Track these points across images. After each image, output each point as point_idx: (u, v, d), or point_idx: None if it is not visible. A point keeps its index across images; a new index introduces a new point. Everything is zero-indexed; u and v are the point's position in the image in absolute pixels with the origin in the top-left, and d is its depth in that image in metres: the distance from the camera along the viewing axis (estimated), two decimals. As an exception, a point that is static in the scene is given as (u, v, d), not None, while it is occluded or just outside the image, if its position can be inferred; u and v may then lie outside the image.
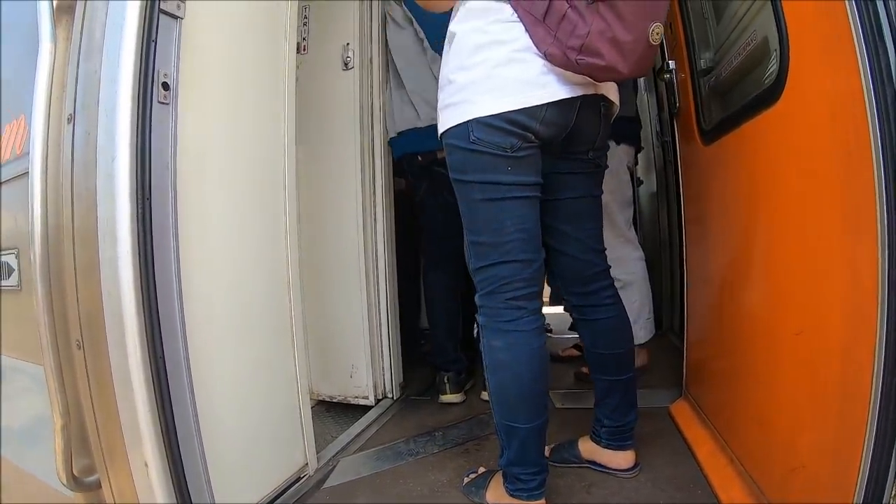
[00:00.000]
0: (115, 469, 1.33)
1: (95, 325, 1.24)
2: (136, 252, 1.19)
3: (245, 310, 1.71)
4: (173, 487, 1.27)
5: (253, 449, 1.72)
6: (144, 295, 1.20)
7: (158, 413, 1.23)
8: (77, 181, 1.28)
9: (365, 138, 2.68)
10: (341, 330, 2.73)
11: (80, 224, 1.26)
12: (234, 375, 1.64)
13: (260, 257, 1.80)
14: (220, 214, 1.61)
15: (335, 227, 2.70)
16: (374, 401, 2.71)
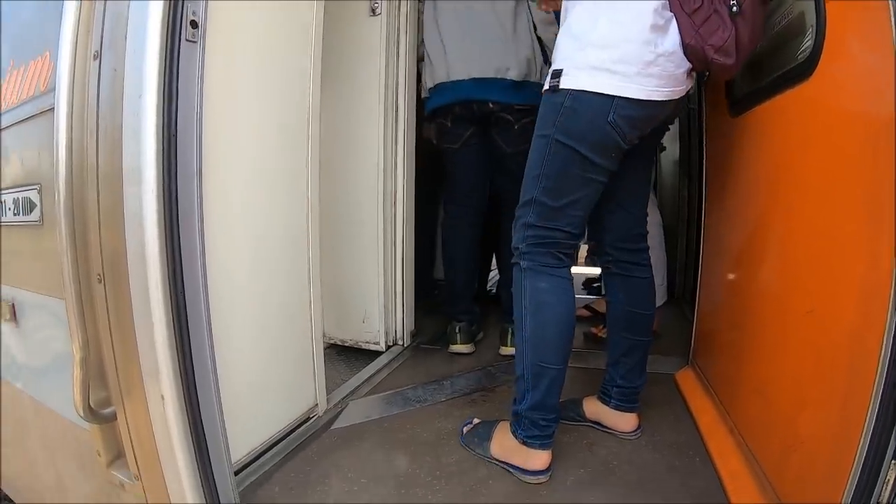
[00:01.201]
0: (131, 401, 1.37)
1: (117, 261, 1.26)
2: (161, 189, 1.20)
3: (264, 252, 1.75)
4: (188, 420, 1.31)
5: (265, 387, 1.78)
6: (167, 232, 1.21)
7: (176, 347, 1.25)
8: (103, 117, 1.29)
9: (389, 85, 2.69)
10: (356, 275, 2.77)
11: (105, 160, 1.28)
12: (250, 314, 1.69)
13: (281, 201, 1.83)
14: (244, 156, 1.63)
15: (355, 172, 2.72)
16: (384, 347, 2.77)
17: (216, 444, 1.40)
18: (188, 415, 1.31)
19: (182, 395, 1.28)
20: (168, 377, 1.25)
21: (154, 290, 1.20)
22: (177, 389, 1.27)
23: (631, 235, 1.85)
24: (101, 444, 1.53)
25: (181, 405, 1.29)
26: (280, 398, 1.88)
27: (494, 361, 2.68)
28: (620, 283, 1.86)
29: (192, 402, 1.31)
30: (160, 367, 1.24)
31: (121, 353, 1.34)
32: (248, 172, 1.65)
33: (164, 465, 1.35)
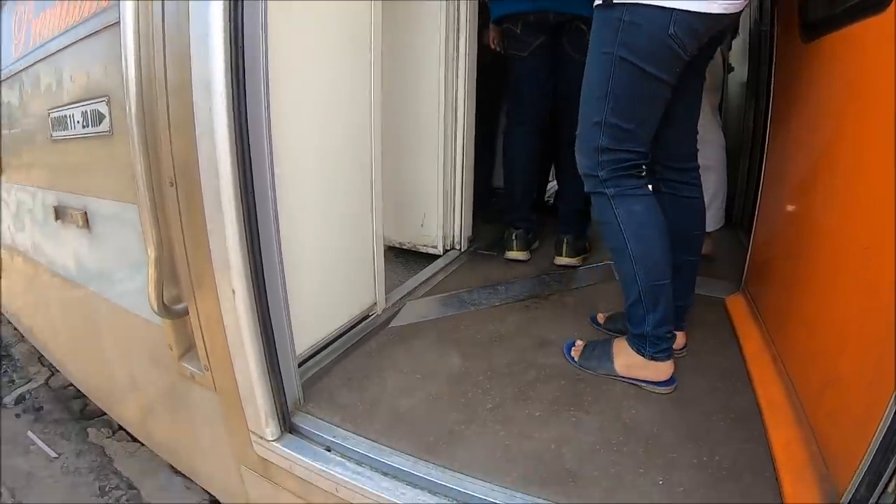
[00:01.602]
0: (202, 297, 1.50)
1: (188, 164, 1.35)
2: (230, 93, 1.27)
3: (329, 153, 1.83)
4: (256, 312, 1.42)
5: (328, 285, 1.89)
6: (237, 134, 1.29)
7: (246, 244, 1.35)
8: (168, 28, 1.35)
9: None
10: (415, 179, 2.85)
11: (173, 69, 1.35)
12: (315, 214, 1.79)
13: (344, 104, 1.89)
14: (307, 62, 1.68)
15: (416, 77, 2.75)
16: (441, 251, 2.87)
17: (282, 336, 1.53)
18: (257, 308, 1.42)
19: (251, 289, 1.39)
20: (238, 272, 1.36)
21: (225, 190, 1.29)
22: (246, 283, 1.38)
23: (680, 154, 1.83)
24: (172, 338, 1.69)
25: (250, 298, 1.40)
26: (341, 296, 1.99)
27: (549, 270, 2.74)
28: (671, 202, 1.83)
29: (261, 296, 1.42)
30: (231, 263, 1.35)
31: (192, 251, 1.45)
32: (311, 76, 1.70)
33: (233, 356, 1.48)
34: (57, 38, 1.93)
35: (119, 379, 2.23)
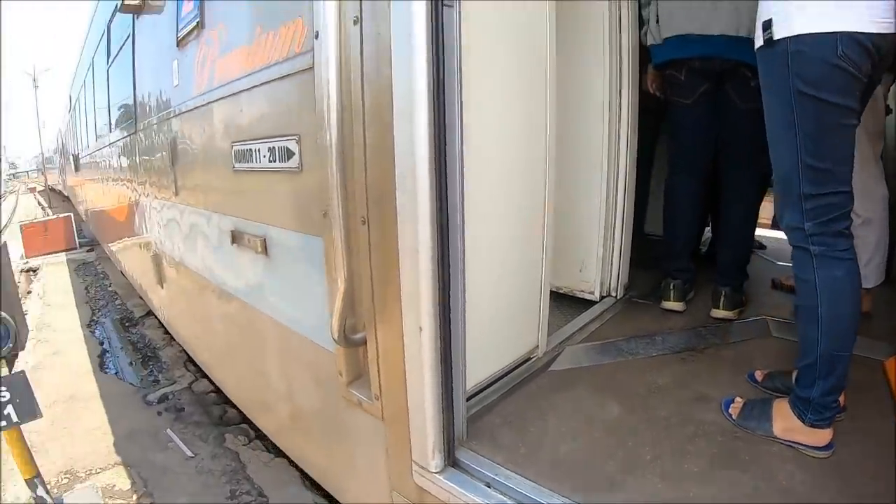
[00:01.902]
0: (384, 330, 1.56)
1: (383, 206, 1.43)
2: (431, 133, 1.33)
3: (507, 199, 1.89)
4: (439, 349, 1.47)
5: (496, 326, 1.94)
6: (436, 177, 1.35)
7: (438, 283, 1.41)
8: (367, 73, 1.44)
9: (613, 37, 2.68)
10: (577, 225, 2.85)
11: (371, 111, 1.44)
12: (492, 256, 1.84)
13: (522, 152, 1.94)
14: (492, 106, 1.75)
15: (580, 124, 2.77)
16: (598, 297, 2.87)
17: (457, 374, 1.57)
18: (440, 345, 1.47)
19: (437, 327, 1.44)
20: (428, 311, 1.41)
21: (423, 232, 1.35)
22: (433, 321, 1.43)
23: None
24: (343, 365, 1.77)
25: (435, 336, 1.45)
26: (507, 338, 2.04)
27: (705, 323, 2.66)
28: None
29: (445, 334, 1.47)
30: (422, 301, 1.40)
31: (379, 286, 1.52)
32: (495, 120, 1.76)
33: (409, 389, 1.54)
34: (243, 79, 2.08)
35: (275, 393, 2.35)
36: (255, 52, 1.99)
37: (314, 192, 1.70)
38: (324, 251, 1.70)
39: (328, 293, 1.73)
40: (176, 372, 5.58)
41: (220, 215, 2.49)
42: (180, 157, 3.00)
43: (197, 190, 2.85)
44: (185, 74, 2.76)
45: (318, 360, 1.93)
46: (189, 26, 2.62)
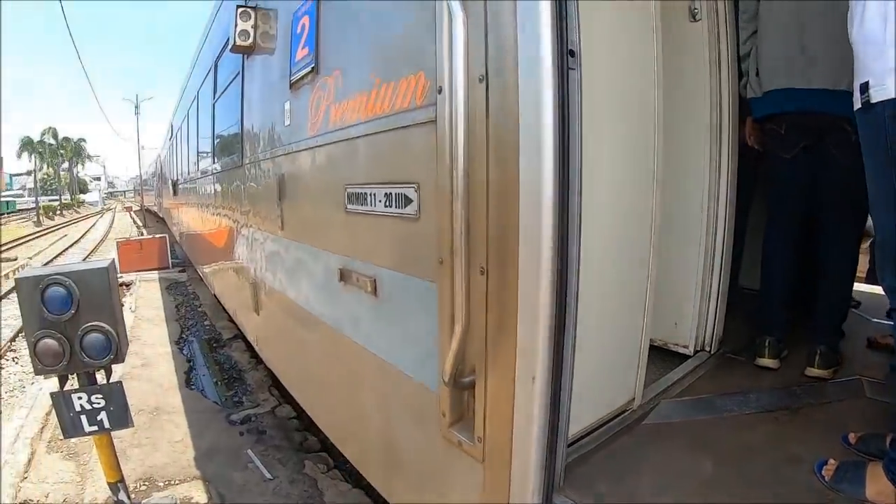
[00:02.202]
0: (495, 375, 1.61)
1: (504, 254, 1.49)
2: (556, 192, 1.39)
3: (613, 248, 1.93)
4: (549, 398, 1.51)
5: (598, 377, 1.96)
6: (558, 232, 1.40)
7: (554, 333, 1.45)
8: (493, 130, 1.52)
9: (713, 91, 2.70)
10: (674, 277, 2.84)
11: (497, 164, 1.51)
12: (597, 306, 1.86)
13: (632, 205, 2.00)
14: (606, 162, 1.80)
15: (681, 173, 2.77)
16: (692, 351, 2.85)
17: (562, 422, 1.60)
18: (550, 394, 1.50)
19: (549, 376, 1.48)
20: (543, 362, 1.46)
21: (544, 284, 1.40)
22: (547, 370, 1.47)
23: None
24: (447, 406, 1.81)
25: (548, 384, 1.49)
26: (605, 388, 2.05)
27: (799, 381, 2.61)
28: None
29: (557, 385, 1.51)
30: (538, 353, 1.45)
31: (493, 334, 1.57)
32: (609, 177, 1.82)
33: (515, 434, 1.57)
34: (360, 125, 2.20)
35: (369, 425, 2.41)
36: (373, 101, 2.10)
37: (430, 238, 1.78)
38: (437, 296, 1.76)
39: (439, 337, 1.79)
40: (260, 395, 5.78)
41: (329, 253, 2.60)
42: (288, 194, 3.15)
43: (304, 226, 2.99)
44: (298, 115, 2.93)
45: (419, 399, 1.99)
46: (303, 71, 2.78)
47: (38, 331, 2.76)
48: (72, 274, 2.78)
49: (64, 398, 2.92)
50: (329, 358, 2.84)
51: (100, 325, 2.84)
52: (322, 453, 4.53)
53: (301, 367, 3.40)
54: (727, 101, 2.73)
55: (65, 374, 2.92)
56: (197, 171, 8.14)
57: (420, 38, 1.83)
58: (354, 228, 2.33)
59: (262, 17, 3.69)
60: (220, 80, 5.63)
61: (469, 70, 1.54)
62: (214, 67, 5.90)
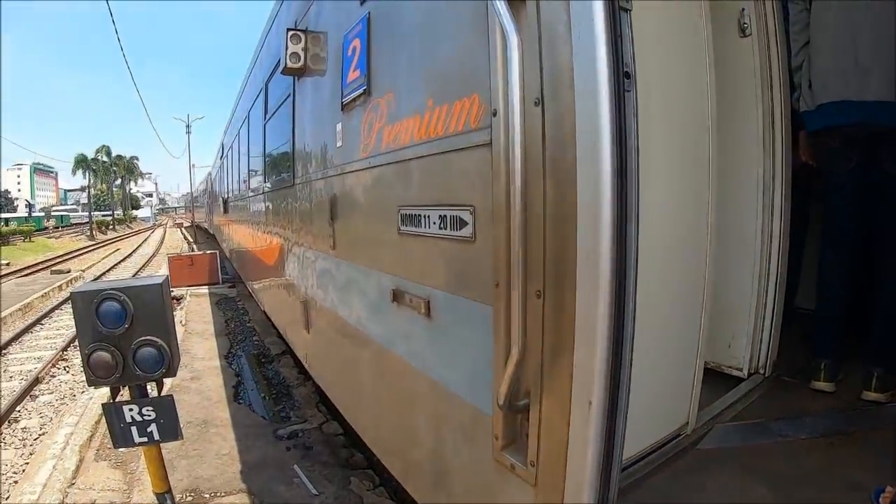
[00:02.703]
0: (550, 399, 1.60)
1: (562, 278, 1.49)
2: (614, 214, 1.39)
3: (671, 274, 1.92)
4: (604, 424, 1.49)
5: (653, 401, 1.94)
6: (616, 256, 1.40)
7: (611, 357, 1.43)
8: (550, 153, 1.53)
9: (765, 105, 2.67)
10: (728, 298, 2.80)
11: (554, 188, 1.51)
12: (653, 329, 1.84)
13: (687, 227, 1.99)
14: (662, 183, 1.80)
15: (734, 192, 2.74)
16: (746, 374, 2.80)
17: (617, 447, 1.56)
18: (605, 419, 1.49)
19: (606, 401, 1.47)
20: (600, 386, 1.44)
21: (602, 309, 1.40)
22: (603, 395, 1.46)
23: None
24: (500, 429, 1.80)
25: (604, 410, 1.47)
26: (658, 412, 2.02)
27: (855, 404, 2.55)
28: None
29: (613, 410, 1.49)
30: (595, 378, 1.44)
31: (550, 358, 1.56)
32: (665, 198, 1.81)
33: (569, 458, 1.55)
34: (413, 147, 2.22)
35: (418, 444, 2.41)
36: (427, 123, 2.12)
37: (486, 261, 1.78)
38: (492, 319, 1.76)
39: (493, 359, 1.78)
40: (308, 411, 5.84)
41: (382, 273, 2.62)
42: (340, 214, 3.20)
43: (356, 246, 3.02)
44: (350, 137, 2.98)
45: (470, 421, 1.99)
46: (355, 93, 2.83)
47: (91, 343, 2.84)
48: (127, 289, 2.86)
49: (115, 409, 2.99)
50: (379, 376, 2.86)
51: (153, 340, 2.91)
52: (368, 470, 4.55)
53: (350, 384, 3.42)
54: (780, 115, 2.69)
55: (117, 385, 3.00)
56: (247, 190, 8.33)
57: (474, 60, 1.85)
58: (408, 249, 2.34)
59: (312, 40, 3.78)
60: (271, 101, 5.77)
61: (525, 93, 1.54)
62: (265, 89, 6.05)
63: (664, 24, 1.86)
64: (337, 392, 3.84)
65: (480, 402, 1.91)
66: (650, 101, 1.68)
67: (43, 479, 4.73)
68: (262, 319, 9.57)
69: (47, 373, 8.32)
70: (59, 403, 7.17)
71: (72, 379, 8.15)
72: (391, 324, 2.60)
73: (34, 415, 6.87)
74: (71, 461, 5.06)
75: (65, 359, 9.12)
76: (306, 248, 4.19)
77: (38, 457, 5.29)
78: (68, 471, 4.89)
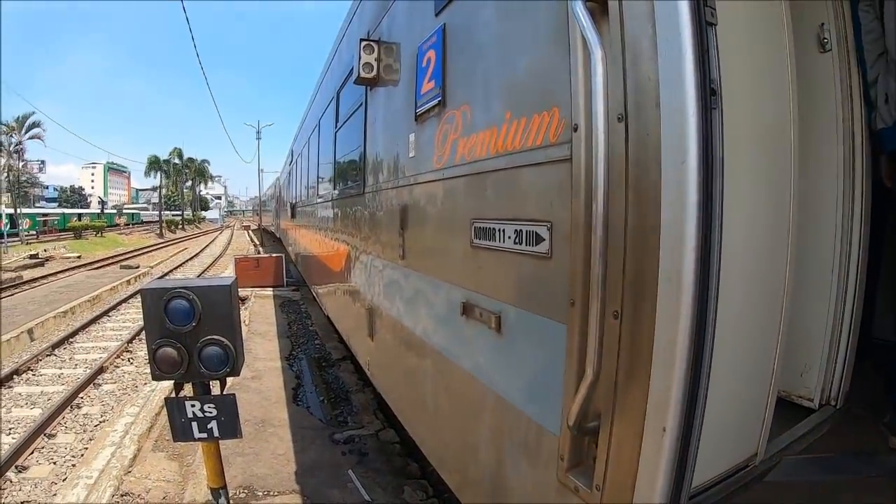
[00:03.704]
0: (622, 423, 1.55)
1: (641, 300, 1.45)
2: (699, 235, 1.35)
3: (749, 300, 1.84)
4: (677, 452, 1.44)
5: (724, 430, 1.87)
6: (698, 280, 1.35)
7: (688, 387, 1.39)
8: (633, 170, 1.49)
9: (846, 126, 2.56)
10: (803, 326, 2.68)
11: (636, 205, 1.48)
12: (727, 362, 1.77)
13: (767, 249, 1.91)
14: (745, 204, 1.73)
15: (810, 214, 2.62)
16: (817, 405, 2.67)
17: (687, 475, 1.51)
18: (678, 448, 1.44)
19: (681, 428, 1.42)
20: (675, 414, 1.40)
21: (683, 327, 1.35)
22: (678, 424, 1.41)
23: None
24: (567, 450, 1.77)
25: (678, 438, 1.42)
26: (729, 442, 1.95)
27: None
28: None
29: (687, 439, 1.44)
30: (670, 405, 1.39)
31: (624, 380, 1.52)
32: (744, 217, 1.74)
33: (638, 484, 1.51)
34: (489, 160, 2.22)
35: (478, 458, 2.39)
36: (504, 136, 2.11)
37: (561, 279, 1.76)
38: (566, 338, 1.73)
39: (564, 379, 1.75)
40: (365, 417, 5.89)
41: (452, 285, 2.62)
42: (411, 223, 3.23)
43: (426, 257, 3.04)
44: (423, 148, 3.00)
45: (536, 439, 1.96)
46: (429, 104, 2.85)
47: (158, 339, 2.93)
48: (196, 288, 2.94)
49: (177, 404, 3.08)
50: (442, 388, 2.86)
51: (219, 339, 2.99)
52: (422, 481, 4.56)
53: (412, 394, 3.43)
54: (860, 135, 2.56)
55: (181, 381, 3.09)
56: (316, 196, 8.49)
57: (553, 73, 1.84)
58: (480, 263, 2.33)
59: (385, 51, 3.84)
60: (343, 110, 5.86)
61: (609, 108, 1.52)
62: (336, 98, 6.15)
63: (746, 38, 1.79)
64: (397, 400, 3.86)
65: (547, 421, 1.88)
66: (734, 120, 1.62)
67: (100, 465, 4.95)
68: (325, 324, 9.73)
69: (112, 363, 8.68)
70: (121, 393, 7.46)
71: (135, 370, 8.47)
72: (459, 336, 2.59)
73: (96, 403, 7.17)
74: (129, 450, 5.27)
75: (129, 350, 9.49)
76: (374, 257, 4.24)
77: (98, 443, 5.53)
78: (126, 458, 5.08)
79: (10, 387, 7.65)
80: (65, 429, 6.35)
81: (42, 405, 6.95)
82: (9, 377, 7.86)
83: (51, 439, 6.04)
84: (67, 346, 9.89)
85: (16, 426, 6.34)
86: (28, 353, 9.19)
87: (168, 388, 6.01)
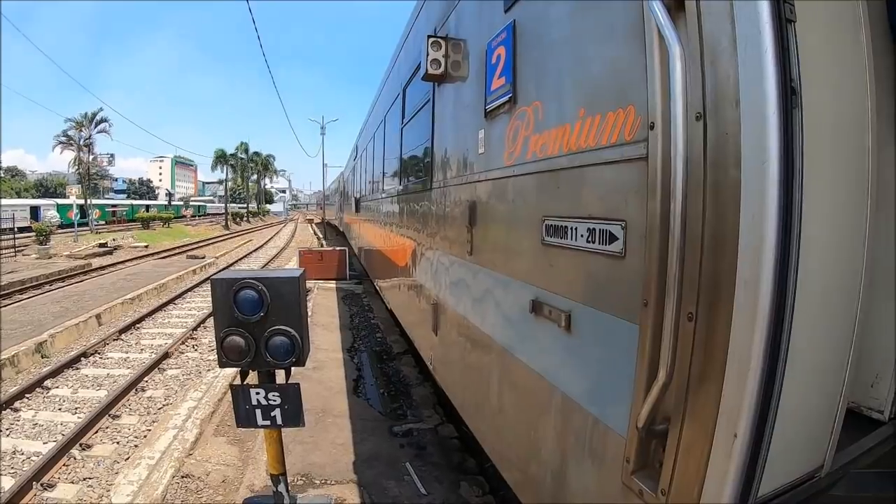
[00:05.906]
0: (692, 427, 1.53)
1: (715, 301, 1.43)
2: (777, 240, 1.32)
3: (823, 304, 1.76)
4: (747, 459, 1.41)
5: (790, 438, 1.80)
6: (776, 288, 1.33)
7: (761, 394, 1.36)
8: (711, 170, 1.46)
9: None
10: (874, 336, 2.56)
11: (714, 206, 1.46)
12: (799, 369, 1.72)
13: (845, 252, 1.83)
14: (824, 206, 1.66)
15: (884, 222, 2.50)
16: (887, 417, 2.56)
17: (756, 483, 1.49)
18: (748, 456, 1.41)
19: (752, 433, 1.39)
20: (746, 420, 1.37)
21: (759, 332, 1.33)
22: (750, 431, 1.39)
23: None
24: (633, 453, 1.75)
25: (748, 444, 1.40)
26: (796, 451, 1.88)
27: None
28: None
29: (757, 446, 1.41)
30: (742, 410, 1.37)
31: (696, 383, 1.50)
32: (822, 219, 1.68)
33: (705, 489, 1.48)
34: (561, 157, 2.21)
35: (546, 465, 2.37)
36: (577, 134, 2.10)
37: (635, 278, 1.74)
38: (639, 339, 1.71)
39: (635, 380, 1.74)
40: (424, 411, 5.95)
41: (521, 283, 2.61)
42: (479, 220, 3.24)
43: (495, 253, 3.04)
44: (493, 144, 3.00)
45: (601, 440, 1.95)
46: (500, 101, 2.85)
47: (227, 328, 3.04)
48: (265, 279, 3.04)
49: (242, 391, 3.19)
50: (507, 385, 2.87)
51: (286, 330, 3.08)
52: (479, 477, 4.58)
53: (475, 390, 3.45)
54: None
55: (247, 370, 3.19)
56: (381, 191, 8.59)
57: (628, 70, 1.82)
58: (551, 261, 2.32)
59: (452, 47, 3.85)
60: (409, 106, 5.92)
61: (687, 107, 1.49)
62: (403, 94, 6.21)
63: (825, 35, 1.71)
64: (459, 396, 3.88)
65: (614, 423, 1.87)
66: (813, 120, 1.57)
67: (163, 447, 5.17)
68: (386, 317, 9.87)
69: (176, 349, 9.04)
70: (184, 378, 7.76)
71: (199, 357, 8.79)
72: (526, 334, 2.58)
73: (160, 386, 7.49)
74: (191, 433, 5.47)
75: (193, 338, 9.85)
76: (440, 252, 4.27)
77: (160, 425, 5.77)
78: (187, 441, 5.29)
79: (78, 368, 8.09)
80: (129, 410, 6.68)
81: (108, 387, 7.32)
82: (76, 359, 8.32)
83: (115, 420, 6.36)
84: (134, 331, 10.40)
85: (82, 406, 6.69)
86: (96, 337, 9.69)
87: (232, 376, 6.30)
